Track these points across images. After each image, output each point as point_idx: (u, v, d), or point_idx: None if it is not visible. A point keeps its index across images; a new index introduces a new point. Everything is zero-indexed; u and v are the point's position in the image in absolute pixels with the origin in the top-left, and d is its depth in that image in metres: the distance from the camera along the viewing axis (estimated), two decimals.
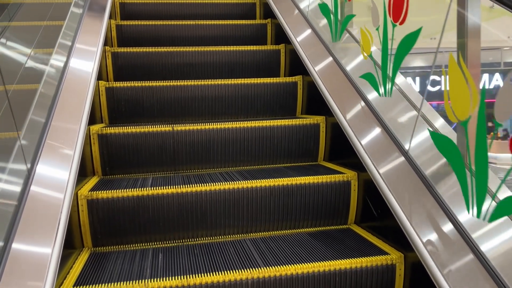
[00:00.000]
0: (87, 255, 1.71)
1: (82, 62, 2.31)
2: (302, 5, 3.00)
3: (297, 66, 2.71)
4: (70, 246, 1.60)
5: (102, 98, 2.42)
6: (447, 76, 1.27)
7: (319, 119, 2.30)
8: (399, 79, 1.91)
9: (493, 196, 1.22)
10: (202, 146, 2.20)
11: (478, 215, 1.24)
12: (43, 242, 1.28)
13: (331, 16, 2.46)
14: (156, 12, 3.49)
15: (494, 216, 1.19)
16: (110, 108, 2.45)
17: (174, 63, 2.85)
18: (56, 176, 1.55)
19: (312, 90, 2.48)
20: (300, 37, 2.78)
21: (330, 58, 2.42)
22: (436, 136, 1.44)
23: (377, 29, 1.86)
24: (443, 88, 1.32)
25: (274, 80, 2.63)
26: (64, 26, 2.31)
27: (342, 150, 2.12)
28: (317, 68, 2.46)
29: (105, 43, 2.83)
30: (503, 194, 1.21)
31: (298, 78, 2.65)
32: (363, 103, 2.02)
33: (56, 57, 2.11)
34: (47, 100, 1.84)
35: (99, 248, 1.78)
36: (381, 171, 1.72)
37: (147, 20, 3.22)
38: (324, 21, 2.63)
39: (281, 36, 3.04)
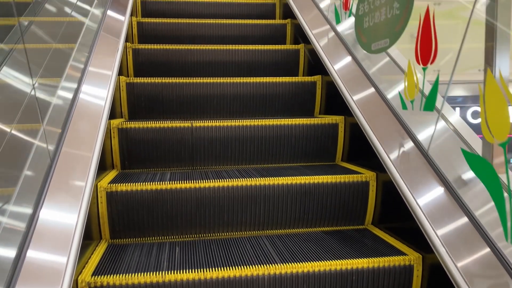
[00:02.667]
0: (105, 246, 1.73)
1: (103, 58, 2.33)
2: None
3: (316, 65, 2.71)
4: (88, 237, 1.62)
5: (122, 93, 2.45)
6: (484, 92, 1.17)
7: (338, 119, 2.29)
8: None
9: None
10: (220, 142, 2.21)
11: None
12: (64, 231, 1.29)
13: None
14: (177, 11, 3.53)
15: None
16: (130, 103, 2.47)
17: (194, 61, 2.87)
18: (77, 167, 1.57)
19: (331, 90, 2.47)
20: (319, 38, 2.78)
21: (349, 58, 2.40)
22: (469, 156, 1.33)
23: None
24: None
25: (293, 80, 2.63)
26: (84, 28, 2.33)
27: (361, 151, 2.10)
28: (336, 67, 2.45)
29: (126, 40, 2.86)
30: None
31: (317, 78, 2.64)
32: (383, 103, 2.00)
33: (78, 53, 2.13)
34: (69, 93, 1.87)
35: (117, 240, 1.79)
36: (401, 171, 1.70)
37: (167, 18, 3.25)
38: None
39: (300, 35, 3.04)
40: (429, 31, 1.51)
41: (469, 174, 1.47)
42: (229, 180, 1.83)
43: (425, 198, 1.54)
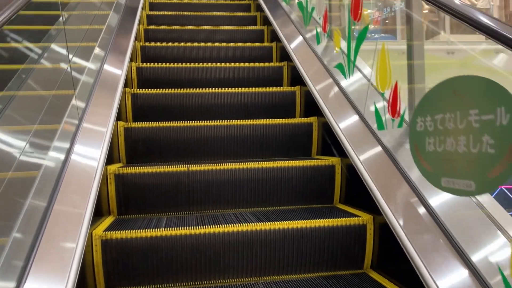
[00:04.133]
0: None
1: (102, 104, 2.37)
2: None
3: (311, 106, 2.74)
4: (83, 287, 1.59)
5: (120, 138, 2.47)
6: None
7: (334, 161, 2.30)
8: None
9: None
10: (216, 186, 2.21)
11: None
12: (56, 281, 1.28)
13: None
14: (176, 55, 3.61)
15: None
16: (128, 148, 2.49)
17: (191, 104, 2.91)
18: (71, 217, 1.56)
19: (327, 131, 2.49)
20: (315, 81, 2.82)
21: (344, 98, 2.44)
22: None
23: None
24: None
25: (289, 121, 2.65)
26: (81, 82, 2.36)
27: (358, 193, 2.10)
28: (331, 108, 2.48)
29: (126, 85, 2.91)
30: None
31: (313, 119, 2.67)
32: (378, 145, 2.01)
33: (75, 102, 2.15)
34: (65, 142, 1.89)
35: None
36: (398, 215, 1.69)
37: (166, 62, 3.32)
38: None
39: (295, 77, 3.09)
40: None
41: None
42: (225, 225, 1.82)
43: (422, 245, 1.52)
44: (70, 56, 2.25)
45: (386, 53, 1.94)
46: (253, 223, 1.84)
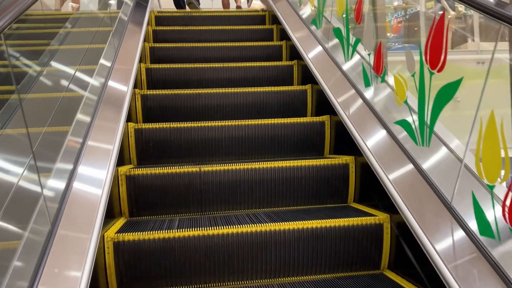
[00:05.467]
0: None
1: (112, 106, 2.36)
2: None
3: (324, 105, 2.70)
4: None
5: (131, 139, 2.45)
6: None
7: (348, 159, 2.25)
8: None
9: None
10: (229, 186, 2.18)
11: None
12: (68, 283, 1.26)
13: None
14: (185, 56, 3.59)
15: None
16: (138, 149, 2.47)
17: (202, 105, 2.89)
18: (83, 219, 1.54)
19: (340, 130, 2.45)
20: (326, 78, 2.78)
21: (357, 96, 2.40)
22: None
23: None
24: None
25: (301, 120, 2.61)
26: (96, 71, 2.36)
27: (373, 191, 2.05)
28: (344, 106, 2.43)
29: (135, 86, 2.89)
30: None
31: (325, 118, 2.63)
32: (393, 143, 1.97)
33: (82, 116, 2.12)
34: (75, 147, 1.87)
35: None
36: (415, 214, 1.64)
37: (175, 63, 3.29)
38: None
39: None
40: None
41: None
42: (239, 226, 1.79)
43: (442, 244, 1.47)
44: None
45: (496, 125, 1.24)
46: (266, 224, 1.81)
